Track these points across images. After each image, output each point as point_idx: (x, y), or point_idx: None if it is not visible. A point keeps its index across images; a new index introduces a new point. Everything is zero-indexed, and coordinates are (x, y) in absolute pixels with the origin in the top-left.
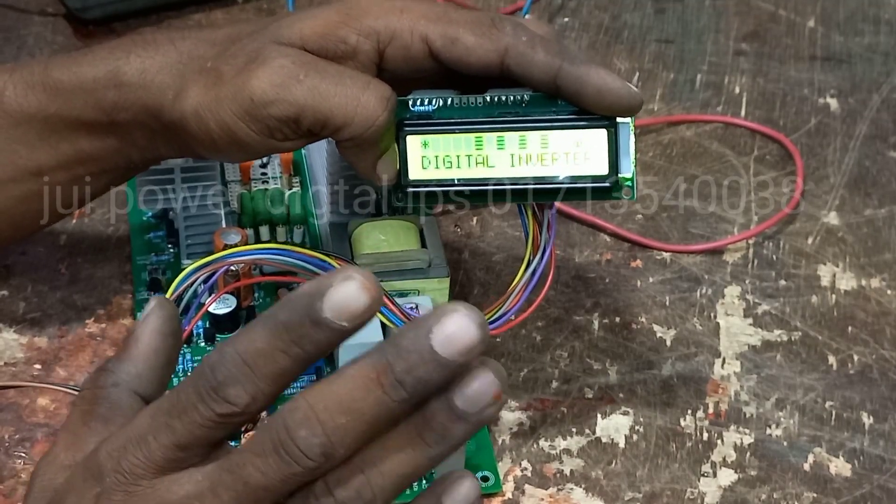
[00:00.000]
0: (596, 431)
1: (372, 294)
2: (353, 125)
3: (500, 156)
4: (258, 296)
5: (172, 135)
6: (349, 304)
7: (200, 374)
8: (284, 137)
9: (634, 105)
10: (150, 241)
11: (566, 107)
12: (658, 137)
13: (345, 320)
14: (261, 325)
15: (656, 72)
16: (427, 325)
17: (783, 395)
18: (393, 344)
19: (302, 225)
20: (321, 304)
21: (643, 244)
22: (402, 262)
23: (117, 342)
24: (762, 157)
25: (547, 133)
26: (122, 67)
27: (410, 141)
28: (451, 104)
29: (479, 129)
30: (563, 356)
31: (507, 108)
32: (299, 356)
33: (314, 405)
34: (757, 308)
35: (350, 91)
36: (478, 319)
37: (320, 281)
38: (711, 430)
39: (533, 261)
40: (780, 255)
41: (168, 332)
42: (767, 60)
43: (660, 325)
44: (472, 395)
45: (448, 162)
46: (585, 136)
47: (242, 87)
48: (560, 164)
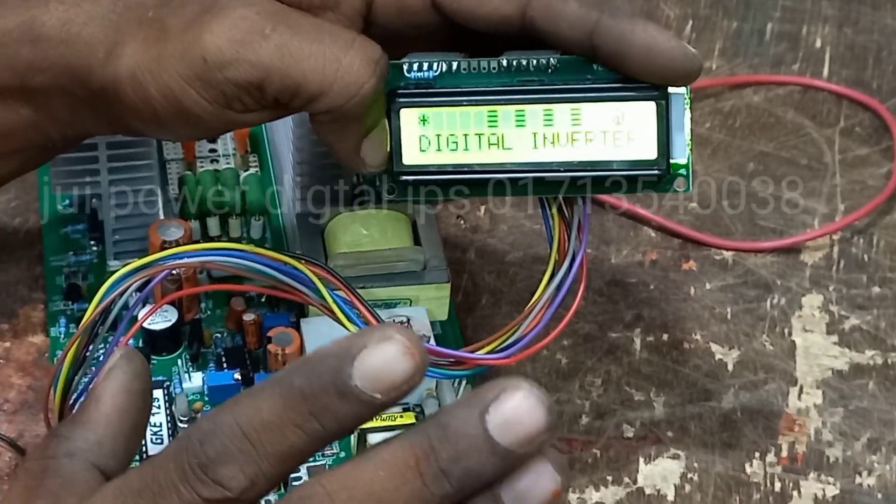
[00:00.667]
0: (638, 480)
1: (416, 362)
2: (331, 94)
3: (520, 135)
4: (205, 307)
5: (102, 104)
6: (387, 372)
7: (185, 445)
8: (245, 108)
9: (692, 70)
10: (67, 237)
11: (606, 73)
12: (717, 104)
13: (379, 392)
14: (269, 391)
15: (715, 20)
16: (483, 403)
17: (877, 433)
18: (439, 424)
19: (261, 216)
20: (351, 371)
21: (698, 240)
22: (390, 264)
23: (25, 365)
24: (850, 130)
25: (579, 106)
26: (39, 17)
27: (405, 115)
28: (459, 70)
29: (493, 101)
30: (596, 384)
31: (530, 76)
32: (316, 434)
33: (335, 493)
34: (844, 322)
35: (329, 50)
36: (546, 401)
37: (351, 340)
38: (785, 478)
39: (558, 272)
40: (874, 254)
41: (136, 391)
42: (857, 5)
43: (719, 345)
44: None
45: (453, 143)
46: (628, 111)
47: (192, 44)
48: (596, 147)
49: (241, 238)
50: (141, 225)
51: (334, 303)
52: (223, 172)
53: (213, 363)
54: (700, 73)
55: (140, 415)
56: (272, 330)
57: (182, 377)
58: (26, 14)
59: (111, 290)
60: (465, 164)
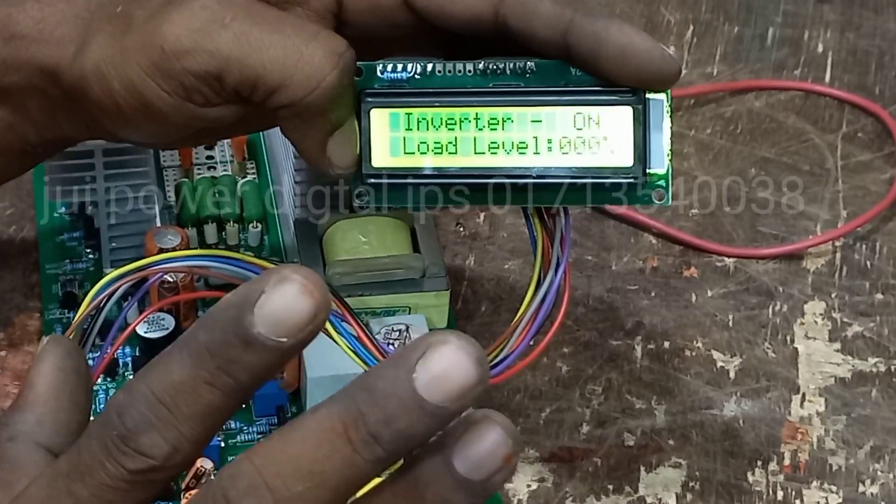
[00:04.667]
0: (639, 489)
1: (316, 298)
2: (291, 86)
3: (493, 139)
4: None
5: (74, 104)
6: (288, 314)
7: (105, 421)
8: (205, 101)
9: (668, 73)
10: (63, 245)
11: (583, 78)
12: (718, 109)
13: (283, 335)
14: (178, 352)
15: (716, 24)
16: (409, 362)
17: (880, 441)
18: (365, 386)
19: (259, 223)
20: (252, 318)
21: (699, 247)
22: (390, 271)
23: (21, 375)
24: (852, 135)
25: (554, 110)
26: (13, 16)
27: (375, 116)
28: (433, 72)
29: (467, 103)
30: (597, 392)
31: (506, 80)
32: (230, 387)
33: (263, 469)
34: (846, 329)
35: (290, 42)
36: (474, 353)
37: (249, 287)
38: (788, 486)
39: (543, 283)
40: (876, 261)
41: (69, 369)
42: (860, 10)
43: (721, 352)
44: (477, 459)
45: (424, 146)
46: (604, 115)
47: (153, 34)
48: (570, 153)
49: (238, 245)
50: (137, 232)
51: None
52: (220, 179)
53: None
54: (678, 77)
55: (78, 390)
56: None
57: None
58: (2, 12)
59: (103, 290)
60: (437, 168)
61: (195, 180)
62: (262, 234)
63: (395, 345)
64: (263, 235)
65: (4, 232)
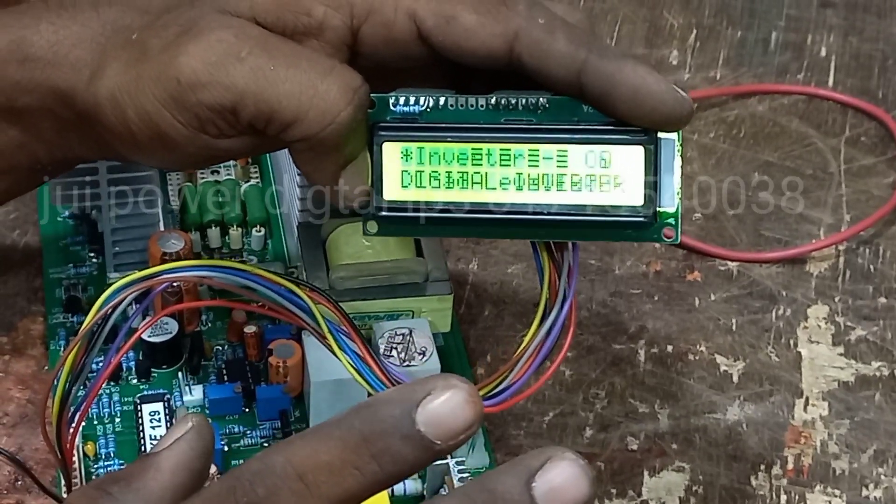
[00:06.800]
0: (642, 493)
1: (477, 411)
2: (305, 121)
3: (504, 175)
4: (206, 319)
5: (87, 127)
6: (451, 418)
7: (234, 484)
8: (220, 133)
9: (682, 115)
10: (66, 249)
11: (595, 115)
12: (722, 113)
13: (440, 438)
14: (326, 434)
15: (719, 29)
16: (529, 471)
17: (884, 445)
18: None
19: (262, 227)
20: (416, 415)
21: (702, 251)
22: (393, 276)
23: (24, 378)
24: (856, 139)
25: (566, 147)
26: (29, 38)
27: (387, 149)
28: (446, 105)
29: (479, 138)
30: (600, 396)
31: (518, 115)
32: (374, 476)
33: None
34: (850, 333)
35: (305, 76)
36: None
37: (414, 387)
38: (791, 490)
39: (549, 315)
40: (880, 265)
41: (197, 471)
42: (863, 14)
43: (724, 356)
44: None
45: (435, 180)
46: (616, 154)
47: (168, 65)
48: (581, 190)
49: (241, 249)
50: (141, 237)
51: (330, 333)
52: (224, 184)
53: (213, 376)
54: (691, 118)
55: (190, 494)
56: (273, 342)
57: (182, 390)
58: (16, 34)
59: (109, 300)
60: (448, 203)
61: (199, 185)
62: (266, 238)
63: (398, 349)
64: (267, 239)
65: (8, 236)
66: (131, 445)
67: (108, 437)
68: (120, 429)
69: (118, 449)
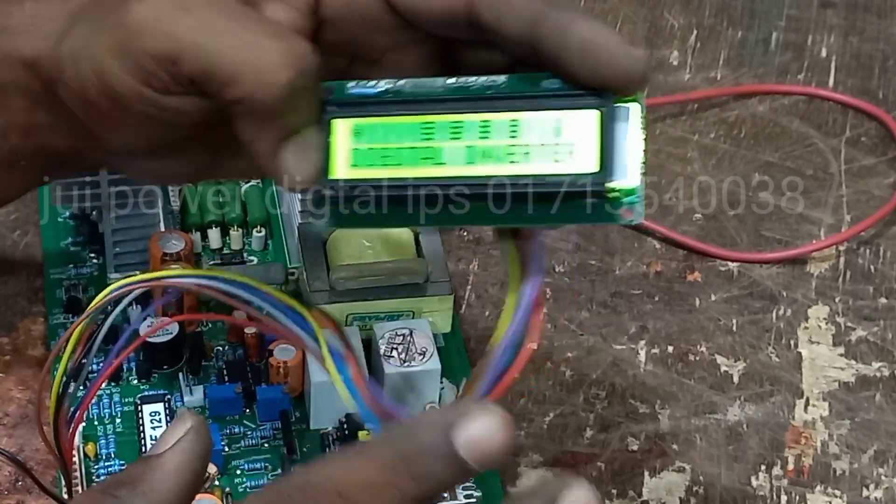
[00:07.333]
0: (643, 494)
1: (511, 436)
2: (241, 81)
3: (455, 148)
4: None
5: (53, 100)
6: (487, 441)
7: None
8: (164, 88)
9: (633, 72)
10: (67, 250)
11: (551, 85)
12: (722, 114)
13: (475, 460)
14: (365, 454)
15: (719, 29)
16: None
17: (884, 446)
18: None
19: (263, 227)
20: (455, 437)
21: (703, 251)
22: (393, 276)
23: (25, 379)
24: (856, 139)
25: (518, 116)
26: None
27: (337, 126)
28: (404, 87)
29: (430, 109)
30: (601, 396)
31: (476, 92)
32: (413, 495)
33: None
34: (850, 334)
35: (251, 36)
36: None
37: (450, 410)
38: (792, 491)
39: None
40: (880, 265)
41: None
42: (863, 14)
43: (725, 357)
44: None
45: (385, 157)
46: (568, 121)
47: (121, 16)
48: (534, 161)
49: (242, 250)
50: (142, 237)
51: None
52: (224, 184)
53: (214, 376)
54: (645, 79)
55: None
56: (274, 343)
57: (183, 390)
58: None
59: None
60: (398, 179)
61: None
62: (266, 239)
63: (399, 349)
64: (267, 240)
65: (9, 237)
66: (132, 446)
67: (109, 438)
68: (120, 429)
69: (119, 449)
